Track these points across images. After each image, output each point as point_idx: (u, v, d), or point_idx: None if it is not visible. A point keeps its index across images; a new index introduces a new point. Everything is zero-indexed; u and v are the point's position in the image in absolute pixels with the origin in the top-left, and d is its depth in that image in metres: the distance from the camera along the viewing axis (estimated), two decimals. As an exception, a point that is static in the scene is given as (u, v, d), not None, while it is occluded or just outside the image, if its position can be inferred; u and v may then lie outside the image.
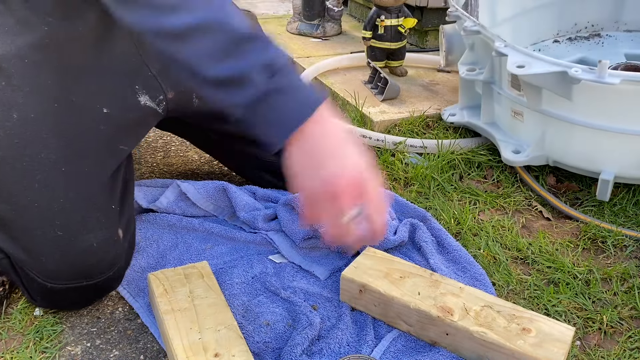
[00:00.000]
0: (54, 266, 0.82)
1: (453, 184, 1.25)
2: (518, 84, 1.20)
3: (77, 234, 0.83)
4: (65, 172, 0.85)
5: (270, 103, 0.69)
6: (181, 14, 0.67)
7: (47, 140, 0.85)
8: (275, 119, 0.69)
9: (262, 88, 0.68)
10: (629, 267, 1.00)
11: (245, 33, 0.69)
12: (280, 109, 0.69)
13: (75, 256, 0.83)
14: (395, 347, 0.82)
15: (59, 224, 0.82)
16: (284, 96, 0.69)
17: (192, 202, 1.08)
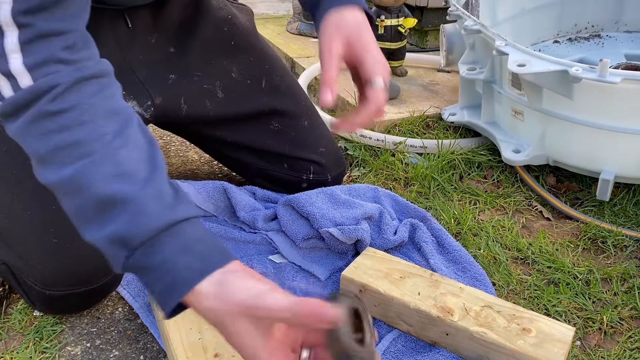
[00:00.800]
0: (50, 274, 0.81)
1: (453, 184, 1.25)
2: (519, 83, 1.20)
3: (73, 241, 0.81)
4: None
5: (141, 278, 0.59)
6: (51, 168, 0.59)
7: None
8: (153, 294, 0.59)
9: (120, 263, 0.58)
10: (629, 267, 1.00)
11: (107, 196, 0.57)
12: (151, 288, 0.59)
13: (71, 263, 0.81)
14: (396, 347, 0.82)
15: (54, 232, 0.81)
16: (151, 275, 0.58)
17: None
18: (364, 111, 0.76)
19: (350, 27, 0.78)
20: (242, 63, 1.08)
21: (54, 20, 0.59)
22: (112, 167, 0.59)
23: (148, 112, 0.99)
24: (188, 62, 1.03)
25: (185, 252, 0.58)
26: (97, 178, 0.58)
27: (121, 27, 0.94)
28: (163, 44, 1.00)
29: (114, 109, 0.62)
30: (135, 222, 0.57)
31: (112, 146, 0.59)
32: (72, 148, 0.59)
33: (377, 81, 0.76)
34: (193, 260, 0.57)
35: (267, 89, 1.08)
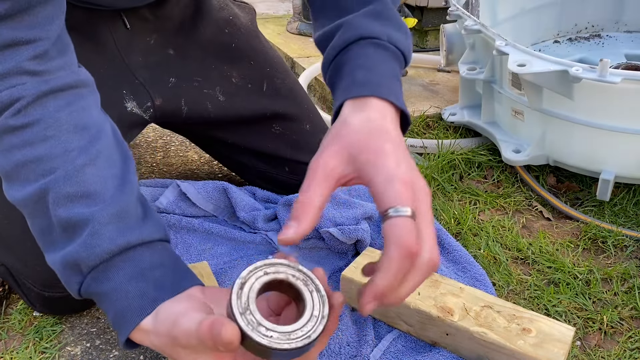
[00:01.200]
0: (49, 275, 0.79)
1: (453, 184, 1.25)
2: (519, 83, 1.20)
3: None
4: None
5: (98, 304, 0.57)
6: (15, 185, 0.58)
7: None
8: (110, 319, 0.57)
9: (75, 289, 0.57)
10: (629, 267, 1.00)
11: (68, 218, 0.55)
12: (107, 315, 0.57)
13: None
14: (396, 347, 0.82)
15: None
16: (104, 303, 0.56)
17: (192, 202, 1.07)
18: (384, 268, 0.49)
19: (355, 133, 0.54)
20: (243, 67, 1.07)
21: (22, 28, 0.55)
22: (75, 186, 0.56)
23: (147, 113, 0.98)
24: (188, 66, 1.02)
25: (139, 279, 0.54)
26: (59, 198, 0.55)
27: (119, 29, 0.94)
28: (162, 45, 1.00)
29: (82, 123, 0.59)
30: (89, 245, 0.54)
31: (77, 163, 0.56)
32: (35, 165, 0.56)
33: (396, 210, 0.49)
34: (146, 288, 0.54)
35: (268, 92, 1.08)
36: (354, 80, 0.58)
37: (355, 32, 0.61)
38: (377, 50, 0.61)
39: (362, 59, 0.60)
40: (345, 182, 0.54)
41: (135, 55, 0.97)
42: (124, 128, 0.96)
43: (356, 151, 0.53)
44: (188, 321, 0.50)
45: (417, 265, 0.50)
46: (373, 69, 0.59)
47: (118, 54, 0.94)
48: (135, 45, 0.97)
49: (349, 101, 0.57)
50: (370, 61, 0.59)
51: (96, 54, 0.93)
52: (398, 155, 0.53)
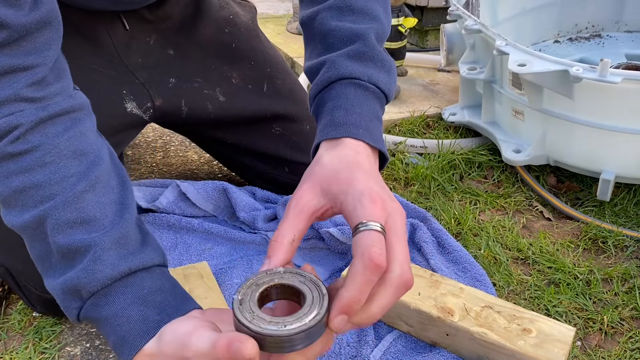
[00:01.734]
0: None
1: (453, 184, 1.25)
2: (519, 83, 1.20)
3: None
4: None
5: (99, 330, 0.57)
6: (14, 211, 0.58)
7: None
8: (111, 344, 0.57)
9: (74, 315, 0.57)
10: (629, 267, 1.00)
11: (68, 245, 0.55)
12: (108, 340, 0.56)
13: None
14: (396, 347, 0.82)
15: None
16: (105, 328, 0.55)
17: (192, 203, 1.07)
18: (349, 281, 0.48)
19: (327, 168, 0.55)
20: (243, 68, 1.07)
21: (20, 55, 0.55)
22: (75, 213, 0.56)
23: (147, 114, 0.98)
24: (188, 67, 1.02)
25: (141, 304, 0.54)
26: (59, 225, 0.55)
27: (118, 30, 0.94)
28: (162, 46, 1.00)
29: (81, 149, 0.59)
30: (90, 271, 0.54)
31: (76, 190, 0.56)
32: (34, 191, 0.56)
33: (365, 225, 0.49)
34: (149, 313, 0.54)
35: (268, 93, 1.08)
36: (332, 121, 0.59)
37: (336, 71, 0.63)
38: (357, 90, 0.62)
39: (342, 99, 0.61)
40: (321, 215, 0.55)
41: (134, 56, 0.96)
42: (123, 129, 0.96)
43: (328, 184, 0.54)
44: (199, 341, 0.50)
45: (386, 280, 0.49)
46: (351, 109, 0.60)
47: (117, 55, 0.94)
48: (135, 46, 0.96)
49: (325, 142, 0.59)
50: (349, 102, 0.61)
51: (95, 55, 0.92)
52: (369, 181, 0.53)
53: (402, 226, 0.51)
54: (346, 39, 0.65)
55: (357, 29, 0.65)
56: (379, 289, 0.49)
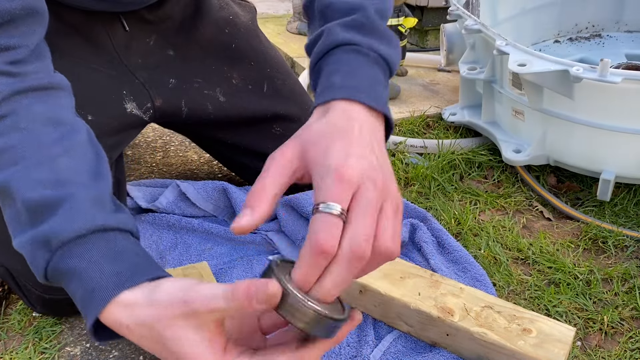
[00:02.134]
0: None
1: (453, 184, 1.25)
2: (519, 82, 1.20)
3: None
4: None
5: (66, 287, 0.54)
6: None
7: None
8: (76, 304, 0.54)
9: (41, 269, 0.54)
10: (629, 267, 1.00)
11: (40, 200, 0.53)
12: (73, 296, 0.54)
13: None
14: (396, 347, 0.82)
15: None
16: (74, 282, 0.53)
17: (192, 202, 1.07)
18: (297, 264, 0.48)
19: (312, 131, 0.54)
20: (243, 68, 1.07)
21: (3, 37, 0.57)
22: (48, 173, 0.54)
23: (147, 114, 0.98)
24: (188, 67, 1.02)
25: (115, 259, 0.52)
26: (30, 183, 0.54)
27: (118, 30, 0.94)
28: (162, 46, 1.00)
29: (57, 117, 0.58)
30: (65, 220, 0.52)
31: (51, 153, 0.55)
32: (7, 154, 0.55)
33: (326, 206, 0.47)
34: (122, 268, 0.51)
35: (269, 93, 1.08)
36: (329, 85, 0.57)
37: (334, 38, 0.61)
38: (357, 56, 0.60)
39: (340, 64, 0.59)
40: (300, 178, 0.53)
41: (134, 56, 0.96)
42: (123, 129, 0.96)
43: (306, 149, 0.52)
44: (207, 287, 0.48)
45: (337, 256, 0.48)
46: (351, 73, 0.58)
47: (117, 56, 0.94)
48: (135, 46, 0.96)
49: (319, 106, 0.56)
50: (348, 66, 0.59)
51: (95, 55, 0.92)
52: (350, 150, 0.50)
53: (372, 197, 0.49)
54: (344, 12, 0.63)
55: (355, 2, 0.63)
56: (330, 266, 0.48)
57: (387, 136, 0.58)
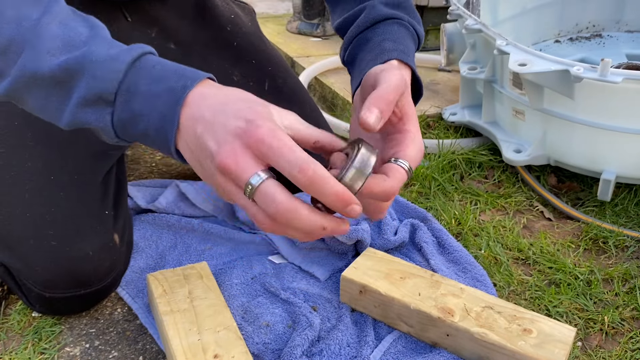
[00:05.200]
0: (49, 276, 0.81)
1: (454, 184, 1.25)
2: (520, 82, 1.19)
3: (72, 243, 0.81)
4: (54, 181, 0.83)
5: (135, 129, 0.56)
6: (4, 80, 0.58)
7: (32, 148, 0.83)
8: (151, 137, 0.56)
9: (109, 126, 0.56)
10: (630, 267, 1.00)
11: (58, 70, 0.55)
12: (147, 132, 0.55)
13: (70, 266, 0.81)
14: (396, 348, 0.82)
15: (52, 234, 0.81)
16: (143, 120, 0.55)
17: (192, 203, 1.07)
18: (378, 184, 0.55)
19: (403, 87, 0.61)
20: (244, 66, 1.07)
21: None
22: (51, 41, 0.55)
23: None
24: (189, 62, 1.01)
25: (160, 79, 0.54)
26: (42, 58, 0.55)
27: (119, 20, 0.94)
28: (163, 39, 0.99)
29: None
30: (98, 75, 0.54)
31: (43, 23, 0.56)
32: (12, 47, 0.56)
33: (404, 163, 0.57)
34: (171, 81, 0.53)
35: (270, 92, 1.08)
36: (384, 49, 0.66)
37: (380, 12, 0.71)
38: (400, 28, 0.71)
39: (388, 34, 0.69)
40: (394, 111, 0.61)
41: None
42: None
43: (406, 102, 0.61)
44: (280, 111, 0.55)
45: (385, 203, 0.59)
46: (399, 41, 0.68)
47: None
48: (137, 36, 0.96)
49: (386, 63, 0.64)
50: (396, 36, 0.69)
51: None
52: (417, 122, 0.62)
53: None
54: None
55: None
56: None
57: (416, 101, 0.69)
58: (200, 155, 0.52)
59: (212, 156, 0.51)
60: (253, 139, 0.50)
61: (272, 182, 0.49)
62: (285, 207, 0.49)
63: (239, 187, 0.51)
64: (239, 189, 0.51)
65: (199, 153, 0.52)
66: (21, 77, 0.56)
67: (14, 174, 0.82)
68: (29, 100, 0.58)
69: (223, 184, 0.51)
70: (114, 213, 0.88)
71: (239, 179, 0.50)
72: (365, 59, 0.68)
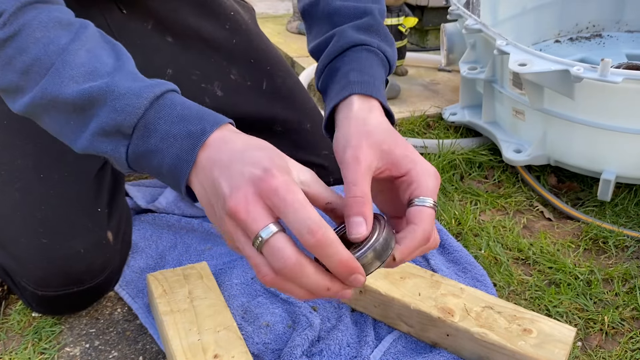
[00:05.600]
0: (41, 274, 0.80)
1: (454, 184, 1.25)
2: (520, 82, 1.19)
3: (63, 241, 0.81)
4: (44, 179, 0.83)
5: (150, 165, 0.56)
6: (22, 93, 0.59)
7: (22, 146, 0.83)
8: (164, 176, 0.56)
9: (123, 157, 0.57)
10: (630, 267, 1.00)
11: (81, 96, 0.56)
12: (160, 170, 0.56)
13: (62, 263, 0.80)
14: (396, 348, 0.82)
15: (43, 232, 0.80)
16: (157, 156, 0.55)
17: (192, 203, 1.07)
18: (408, 241, 0.55)
19: (380, 132, 0.60)
20: (242, 65, 1.06)
21: None
22: (76, 68, 0.57)
23: None
24: (186, 58, 1.01)
25: (181, 120, 0.55)
26: (65, 84, 0.56)
27: (113, 12, 0.93)
28: (160, 32, 0.98)
29: (65, 20, 0.60)
30: (118, 108, 0.55)
31: (71, 50, 0.57)
32: (35, 67, 0.57)
33: (423, 200, 0.56)
34: (191, 124, 0.54)
35: (268, 91, 1.07)
36: (349, 82, 0.64)
37: (348, 39, 0.68)
38: (369, 55, 0.67)
39: (355, 63, 0.66)
40: (376, 176, 0.59)
41: (131, 36, 0.94)
42: None
43: (388, 147, 0.58)
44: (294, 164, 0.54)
45: (427, 247, 0.57)
46: (366, 70, 0.65)
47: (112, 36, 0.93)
48: (132, 27, 0.94)
49: (356, 97, 0.62)
50: (362, 65, 0.66)
51: None
52: (414, 151, 0.60)
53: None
54: (353, 16, 0.70)
55: (362, 6, 0.70)
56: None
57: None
58: (212, 197, 0.52)
59: (224, 200, 0.50)
60: (266, 189, 0.49)
61: (282, 237, 0.49)
62: (294, 262, 0.48)
63: (247, 237, 0.50)
64: (247, 239, 0.50)
65: (211, 195, 0.53)
66: (41, 99, 0.57)
67: (3, 173, 0.82)
68: (46, 120, 0.59)
69: (232, 230, 0.51)
70: (108, 210, 0.88)
71: (249, 229, 0.49)
72: (333, 90, 0.66)
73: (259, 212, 0.49)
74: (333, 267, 0.49)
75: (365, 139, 0.58)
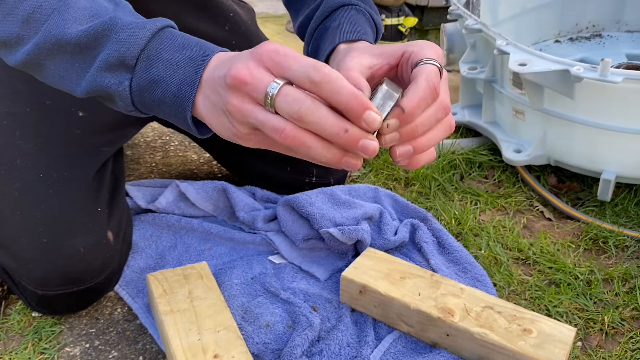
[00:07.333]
0: (41, 274, 0.81)
1: (454, 184, 1.25)
2: (520, 82, 1.19)
3: (63, 240, 0.81)
4: (43, 178, 0.83)
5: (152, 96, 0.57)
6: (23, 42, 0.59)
7: (21, 146, 0.83)
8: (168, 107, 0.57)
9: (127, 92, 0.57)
10: (630, 267, 1.00)
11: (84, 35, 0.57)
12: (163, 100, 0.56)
13: (62, 263, 0.81)
14: (396, 348, 0.82)
15: (43, 231, 0.81)
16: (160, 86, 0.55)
17: (191, 203, 1.07)
18: (412, 90, 0.52)
19: (369, 45, 0.64)
20: None
21: None
22: (79, 11, 0.57)
23: None
24: None
25: (183, 48, 0.55)
26: (69, 25, 0.56)
27: None
28: None
29: None
30: (122, 39, 0.55)
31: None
32: (37, 14, 0.57)
33: (428, 60, 0.55)
34: (193, 51, 0.55)
35: None
36: (342, 31, 0.67)
37: (336, 2, 0.72)
38: (357, 13, 0.71)
39: (345, 19, 0.70)
40: (375, 71, 0.59)
41: None
42: (123, 126, 0.96)
43: (378, 49, 0.60)
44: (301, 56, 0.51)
45: (437, 103, 0.54)
46: (357, 23, 0.69)
47: None
48: None
49: (343, 44, 0.66)
50: (354, 19, 0.70)
51: None
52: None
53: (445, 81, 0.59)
54: None
55: None
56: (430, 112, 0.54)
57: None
58: (216, 97, 0.52)
59: (225, 77, 0.50)
60: (265, 52, 0.49)
61: (291, 86, 0.48)
62: (310, 102, 0.47)
63: (256, 101, 0.49)
64: (256, 104, 0.49)
65: (215, 98, 0.52)
66: (45, 43, 0.57)
67: (3, 173, 0.82)
68: (49, 66, 0.59)
69: (238, 104, 0.50)
70: (108, 210, 0.88)
71: (257, 90, 0.48)
72: (326, 42, 0.68)
73: (262, 72, 0.49)
74: (345, 103, 0.47)
75: (353, 51, 0.61)
